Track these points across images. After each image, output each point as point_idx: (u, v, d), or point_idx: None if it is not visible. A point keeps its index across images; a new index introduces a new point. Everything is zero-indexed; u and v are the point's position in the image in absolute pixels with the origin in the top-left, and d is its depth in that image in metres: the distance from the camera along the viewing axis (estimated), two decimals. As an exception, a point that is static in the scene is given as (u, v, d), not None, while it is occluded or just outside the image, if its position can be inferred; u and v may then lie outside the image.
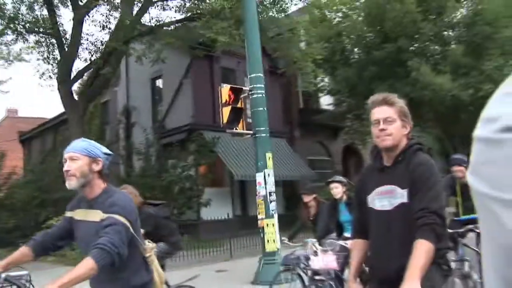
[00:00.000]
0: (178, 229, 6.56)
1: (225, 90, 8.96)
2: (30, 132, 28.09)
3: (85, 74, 15.60)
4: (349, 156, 24.10)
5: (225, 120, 8.85)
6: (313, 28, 16.57)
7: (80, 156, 2.54)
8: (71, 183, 2.54)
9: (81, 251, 2.71)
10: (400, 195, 2.49)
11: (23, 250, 2.67)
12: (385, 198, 2.57)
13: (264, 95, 9.86)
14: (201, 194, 15.93)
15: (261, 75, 9.81)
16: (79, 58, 15.01)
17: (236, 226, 17.29)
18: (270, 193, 9.18)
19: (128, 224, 2.46)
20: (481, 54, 13.71)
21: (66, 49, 14.68)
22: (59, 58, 15.13)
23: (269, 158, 9.41)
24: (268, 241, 8.89)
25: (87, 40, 15.30)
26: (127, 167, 19.58)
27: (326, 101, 22.65)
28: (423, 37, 13.79)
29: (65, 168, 2.56)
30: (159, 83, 20.02)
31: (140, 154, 18.11)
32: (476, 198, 0.56)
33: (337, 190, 6.20)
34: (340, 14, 17.38)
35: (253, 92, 9.59)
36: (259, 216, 9.10)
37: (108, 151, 2.68)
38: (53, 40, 15.56)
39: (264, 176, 9.27)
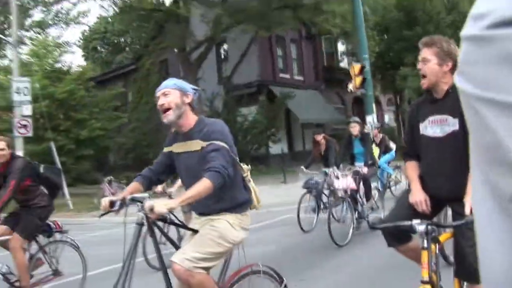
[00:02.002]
0: None
1: (357, 67, 14.49)
2: (100, 76, 29.80)
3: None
4: (356, 104, 30.49)
5: (358, 85, 14.44)
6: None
7: (171, 90, 2.85)
8: (168, 117, 2.83)
9: (183, 179, 3.12)
10: (452, 123, 2.80)
11: (135, 185, 2.99)
12: (437, 126, 2.87)
13: (369, 69, 15.36)
14: (276, 134, 21.56)
15: (367, 55, 15.36)
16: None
17: (289, 158, 23.20)
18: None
19: (227, 147, 2.79)
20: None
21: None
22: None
23: (373, 108, 15.26)
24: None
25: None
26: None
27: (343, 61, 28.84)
28: (443, 25, 19.86)
29: (159, 103, 2.84)
30: (223, 46, 24.74)
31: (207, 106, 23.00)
32: (463, 100, 0.54)
33: (355, 128, 7.45)
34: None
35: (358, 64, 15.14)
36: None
37: (195, 86, 3.02)
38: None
39: (372, 117, 15.14)
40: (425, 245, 2.55)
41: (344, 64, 28.80)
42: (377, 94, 30.25)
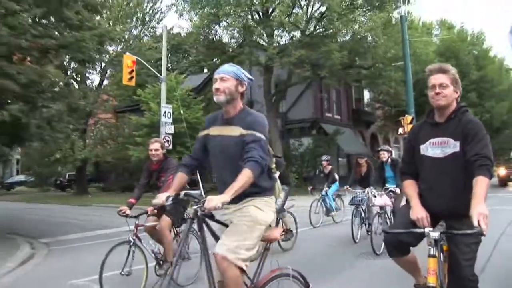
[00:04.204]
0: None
1: (409, 118, 20.88)
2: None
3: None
4: (373, 140, 37.38)
5: (407, 130, 20.79)
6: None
7: (229, 77, 3.01)
8: (219, 98, 3.00)
9: (214, 164, 3.17)
10: (453, 146, 2.98)
11: (180, 176, 3.19)
12: (438, 148, 3.05)
13: (414, 116, 21.79)
14: (324, 160, 27.86)
15: (413, 110, 21.82)
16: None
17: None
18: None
19: (265, 139, 2.95)
20: (483, 98, 27.27)
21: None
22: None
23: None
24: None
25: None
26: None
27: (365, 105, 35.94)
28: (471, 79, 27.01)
29: (215, 86, 3.01)
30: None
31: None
32: None
33: (384, 155, 8.48)
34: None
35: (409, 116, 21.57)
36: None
37: (250, 76, 3.14)
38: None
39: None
40: (433, 252, 2.77)
41: (368, 108, 36.03)
42: (389, 135, 37.33)
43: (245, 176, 2.76)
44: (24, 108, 9.06)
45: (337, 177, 12.28)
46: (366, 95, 35.98)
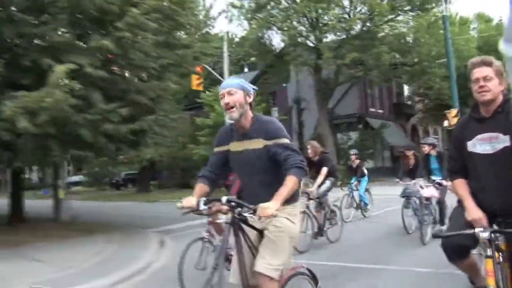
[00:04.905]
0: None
1: (454, 111, 22.32)
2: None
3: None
4: (413, 132, 38.84)
5: (453, 124, 22.24)
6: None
7: (236, 90, 2.97)
8: (233, 115, 2.95)
9: (240, 175, 3.24)
10: (503, 140, 2.87)
11: (202, 187, 3.13)
12: (487, 143, 2.93)
13: (458, 107, 23.23)
14: (374, 153, 29.54)
15: (457, 103, 23.25)
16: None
17: (372, 171, 31.06)
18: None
19: (289, 141, 2.95)
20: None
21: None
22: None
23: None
24: None
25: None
26: (299, 136, 32.12)
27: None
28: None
29: (225, 101, 2.95)
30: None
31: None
32: (507, 64, 0.54)
33: (424, 148, 8.84)
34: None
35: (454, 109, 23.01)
36: None
37: (254, 86, 3.09)
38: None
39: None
40: (489, 253, 2.65)
41: (408, 102, 37.55)
42: (429, 127, 38.83)
43: (292, 182, 2.80)
44: (151, 118, 11.18)
45: (365, 171, 12.52)
46: (406, 88, 37.44)
